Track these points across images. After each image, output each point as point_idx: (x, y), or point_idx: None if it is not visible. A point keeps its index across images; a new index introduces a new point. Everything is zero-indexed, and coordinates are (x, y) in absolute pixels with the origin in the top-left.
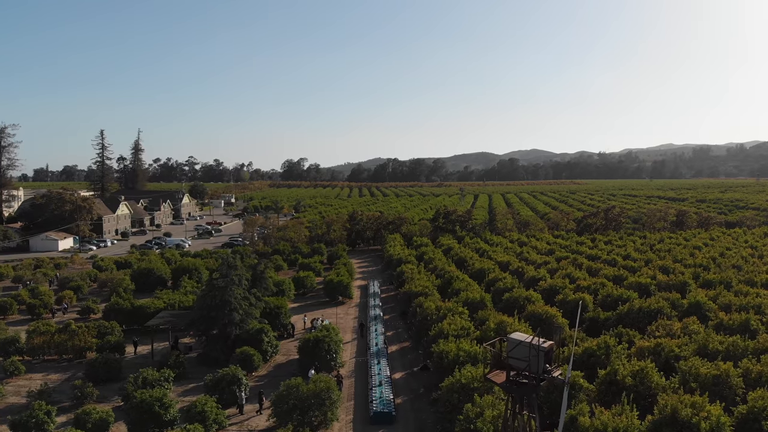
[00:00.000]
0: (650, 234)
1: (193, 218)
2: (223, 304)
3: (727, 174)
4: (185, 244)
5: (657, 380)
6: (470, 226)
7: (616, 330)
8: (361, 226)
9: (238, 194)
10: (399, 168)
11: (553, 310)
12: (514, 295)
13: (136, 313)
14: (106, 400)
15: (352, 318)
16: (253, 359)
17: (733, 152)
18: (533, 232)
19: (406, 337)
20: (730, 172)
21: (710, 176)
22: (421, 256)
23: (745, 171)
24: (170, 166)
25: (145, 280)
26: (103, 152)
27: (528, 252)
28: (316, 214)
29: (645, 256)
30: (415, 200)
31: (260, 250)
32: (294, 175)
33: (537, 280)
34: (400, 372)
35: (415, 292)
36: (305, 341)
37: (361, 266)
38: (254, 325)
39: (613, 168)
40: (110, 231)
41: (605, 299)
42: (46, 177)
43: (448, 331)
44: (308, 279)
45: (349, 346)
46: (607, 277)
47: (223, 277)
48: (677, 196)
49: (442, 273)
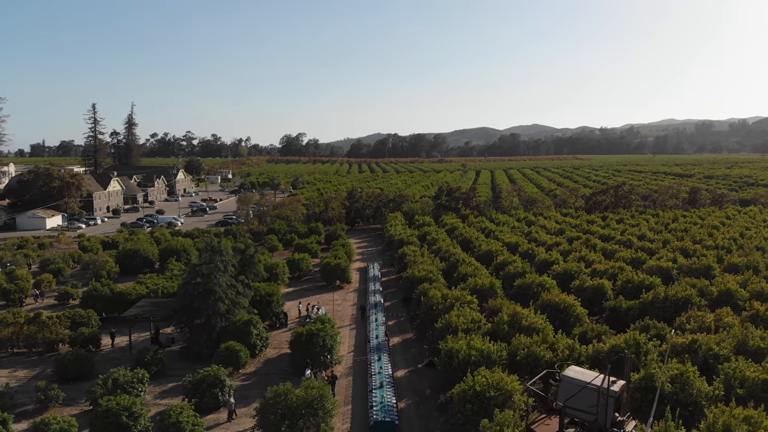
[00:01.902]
0: (663, 212)
1: (188, 194)
2: (206, 293)
3: (730, 150)
4: (177, 222)
5: (699, 386)
6: (474, 204)
7: (642, 322)
8: (360, 204)
9: (235, 170)
10: (399, 143)
11: (570, 298)
12: (526, 281)
13: (116, 300)
14: (74, 403)
15: (351, 305)
16: (239, 356)
17: (736, 128)
18: (540, 210)
19: (409, 327)
20: (732, 147)
21: (713, 152)
22: (423, 237)
23: (747, 147)
24: (168, 142)
25: (131, 262)
26: (95, 126)
27: (537, 232)
28: (314, 191)
29: (661, 237)
30: (415, 176)
31: (255, 229)
32: (292, 151)
33: (549, 263)
34: (402, 369)
35: (418, 277)
36: (297, 336)
37: (361, 246)
38: (242, 316)
39: (615, 143)
40: (101, 208)
41: (625, 286)
42: (43, 152)
43: (456, 324)
44: (304, 262)
45: (347, 336)
46: (624, 260)
47: (207, 264)
48: (684, 172)
49: (446, 256)
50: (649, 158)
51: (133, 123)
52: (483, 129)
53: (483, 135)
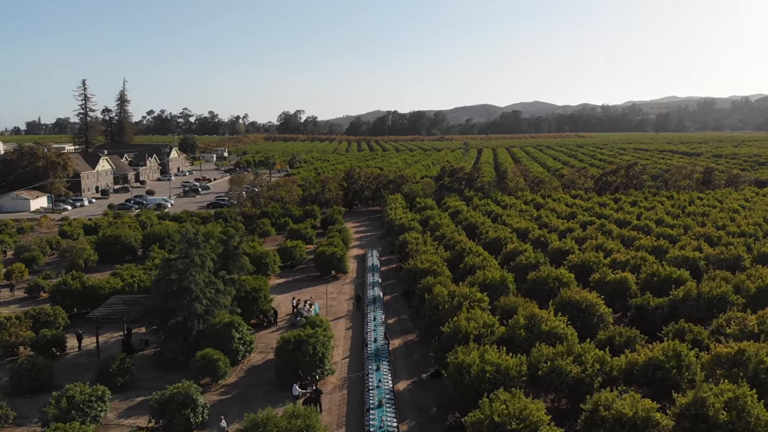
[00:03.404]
0: (677, 194)
1: (181, 174)
2: (181, 292)
3: (732, 127)
4: (167, 203)
5: (759, 413)
6: (478, 186)
7: (675, 325)
8: (358, 185)
9: (232, 148)
10: (399, 121)
11: (592, 295)
12: (541, 274)
13: (87, 295)
14: (27, 422)
15: (347, 298)
16: (217, 366)
17: (738, 105)
18: (548, 191)
19: (411, 326)
20: (735, 125)
21: (715, 130)
22: (425, 221)
23: (750, 124)
24: (164, 119)
25: (111, 249)
26: (86, 103)
27: (547, 216)
28: (311, 171)
29: (681, 222)
30: (416, 155)
31: (247, 212)
32: (290, 128)
33: (564, 252)
34: (404, 380)
35: (421, 269)
36: (284, 343)
37: (359, 231)
38: (222, 318)
39: (617, 121)
40: (89, 189)
41: (650, 280)
42: (39, 130)
43: (466, 329)
44: (297, 250)
45: (342, 337)
46: (645, 248)
47: (183, 258)
48: (691, 151)
49: (451, 243)
50: (652, 136)
51: (125, 100)
52: (484, 106)
53: (484, 112)
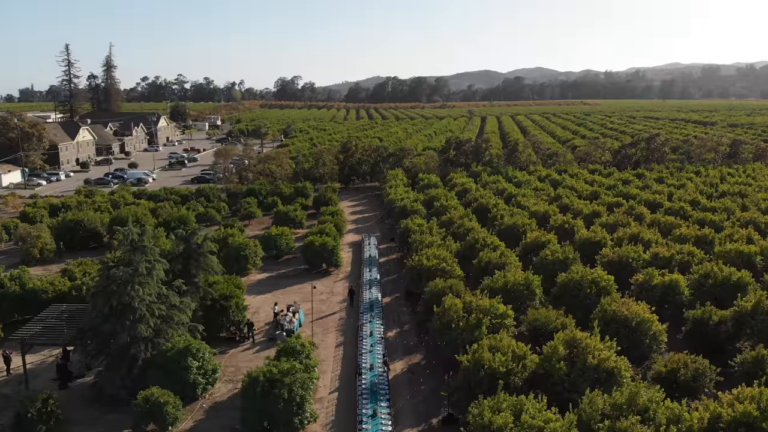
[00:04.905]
0: (704, 169)
1: (171, 144)
2: (123, 311)
3: (737, 95)
4: (148, 178)
5: None
6: (486, 159)
7: (752, 352)
8: (355, 159)
9: (225, 116)
10: (399, 87)
11: (642, 308)
12: (573, 276)
13: (27, 301)
14: None
15: (339, 300)
16: (165, 412)
17: (743, 72)
18: (562, 165)
19: (415, 342)
20: (739, 93)
21: (720, 97)
22: (430, 203)
23: (755, 92)
24: (159, 85)
25: (72, 235)
26: (70, 69)
27: (567, 197)
28: (306, 141)
29: (720, 204)
30: (417, 124)
31: (232, 189)
32: (287, 95)
33: (594, 244)
34: (409, 428)
35: (427, 268)
36: (250, 383)
37: (355, 211)
38: (177, 342)
39: (621, 87)
40: (68, 161)
41: (703, 282)
42: (33, 97)
43: (490, 365)
44: (282, 238)
45: (332, 357)
46: (686, 238)
47: (125, 266)
48: (704, 119)
49: (461, 232)
50: (660, 103)
51: (111, 65)
52: (485, 72)
53: (485, 78)
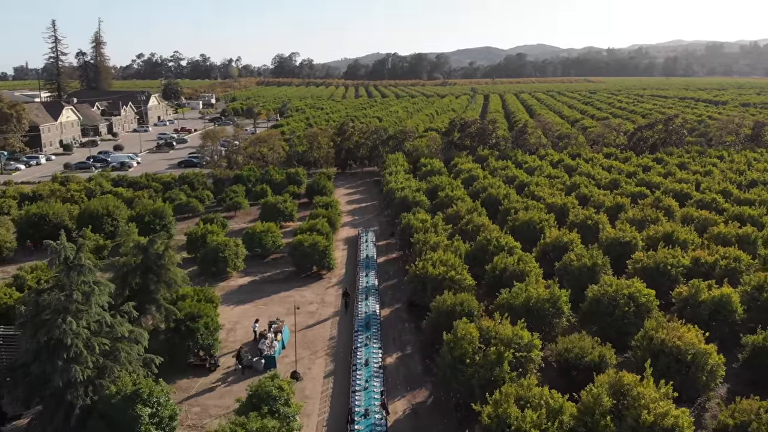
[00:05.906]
0: (727, 153)
1: (162, 123)
2: (55, 347)
3: (741, 73)
4: (133, 161)
5: None
6: (493, 142)
7: None
8: (352, 142)
9: (220, 94)
10: (399, 64)
11: (696, 335)
12: (607, 290)
13: None
14: None
15: (331, 312)
16: None
17: (747, 50)
18: (575, 149)
19: (420, 371)
20: (743, 70)
21: (724, 75)
22: (434, 192)
23: (759, 70)
24: (154, 63)
25: (36, 231)
26: (57, 46)
27: (586, 186)
28: (302, 121)
29: (754, 196)
30: (418, 102)
31: (219, 176)
32: (285, 72)
33: (623, 245)
34: None
35: (432, 276)
36: None
37: (352, 200)
38: (123, 386)
39: (624, 64)
40: (51, 143)
41: (756, 297)
42: (27, 75)
43: (518, 426)
44: (267, 236)
45: (320, 395)
46: (726, 238)
47: (59, 289)
48: (714, 98)
49: (470, 230)
50: (665, 81)
51: (100, 41)
52: (487, 48)
53: (487, 55)
